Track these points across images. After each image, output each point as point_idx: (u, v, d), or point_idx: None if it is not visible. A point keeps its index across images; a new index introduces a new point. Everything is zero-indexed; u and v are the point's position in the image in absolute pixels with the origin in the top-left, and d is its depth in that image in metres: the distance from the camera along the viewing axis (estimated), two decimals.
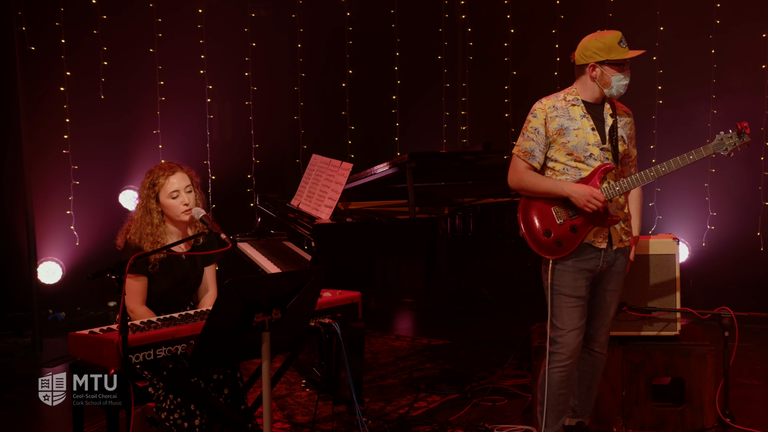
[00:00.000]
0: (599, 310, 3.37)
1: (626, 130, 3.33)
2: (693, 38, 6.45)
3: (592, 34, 3.26)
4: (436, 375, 4.81)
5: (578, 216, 3.21)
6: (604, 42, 3.19)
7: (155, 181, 3.29)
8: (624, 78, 3.22)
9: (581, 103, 3.28)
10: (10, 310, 5.96)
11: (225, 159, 6.86)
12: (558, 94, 3.35)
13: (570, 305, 3.25)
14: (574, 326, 3.26)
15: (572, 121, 3.25)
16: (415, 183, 4.22)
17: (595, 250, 3.25)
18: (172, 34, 6.59)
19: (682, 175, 6.34)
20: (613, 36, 3.20)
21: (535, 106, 3.32)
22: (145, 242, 3.23)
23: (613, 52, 3.18)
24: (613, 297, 3.37)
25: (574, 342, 3.27)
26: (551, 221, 3.24)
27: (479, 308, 6.59)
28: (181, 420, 2.92)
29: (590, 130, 3.25)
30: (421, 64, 7.43)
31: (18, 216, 5.80)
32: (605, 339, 3.44)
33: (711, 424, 3.79)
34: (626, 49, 3.20)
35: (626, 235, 3.34)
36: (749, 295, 6.09)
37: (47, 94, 6.23)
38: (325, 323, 3.14)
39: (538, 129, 3.28)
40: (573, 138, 3.23)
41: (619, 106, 3.37)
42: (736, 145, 3.21)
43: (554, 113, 3.27)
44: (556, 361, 3.30)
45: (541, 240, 3.25)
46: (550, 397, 3.32)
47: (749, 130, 3.21)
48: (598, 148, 3.24)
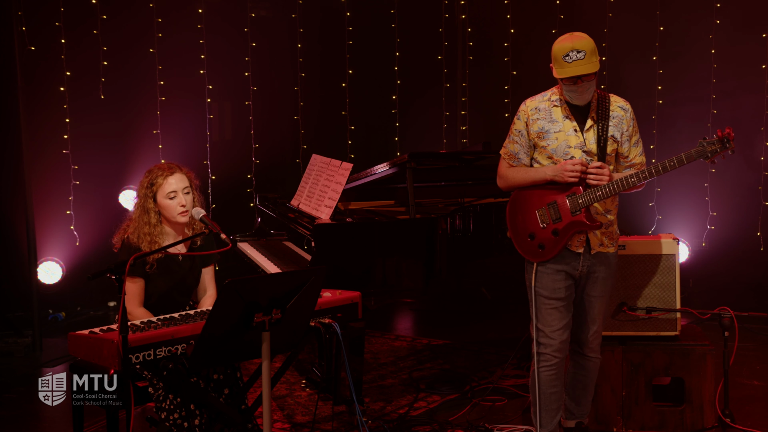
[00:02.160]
0: (587, 316, 3.35)
1: (621, 128, 3.21)
2: (693, 38, 6.45)
3: (561, 36, 3.13)
4: (436, 375, 4.81)
5: (560, 221, 3.18)
6: (554, 51, 3.10)
7: (153, 180, 3.28)
8: (575, 92, 3.12)
9: (564, 104, 3.21)
10: (10, 310, 5.96)
11: (225, 159, 6.86)
12: (544, 94, 3.29)
13: (549, 307, 3.25)
14: (556, 327, 3.25)
15: (553, 124, 3.20)
16: (415, 183, 4.22)
17: (572, 254, 3.23)
18: (172, 34, 6.58)
19: (682, 175, 6.34)
20: (561, 47, 3.07)
21: (520, 107, 3.29)
22: (143, 242, 3.23)
23: (556, 66, 3.09)
24: (598, 303, 3.33)
25: (558, 341, 3.26)
26: (535, 225, 3.23)
27: (479, 308, 6.59)
28: (181, 420, 2.92)
29: (573, 131, 3.18)
30: (421, 64, 7.43)
31: (18, 216, 5.80)
32: (596, 343, 3.42)
33: (711, 424, 3.79)
34: (571, 66, 3.02)
35: (609, 240, 3.27)
36: (749, 295, 6.09)
37: (47, 94, 6.22)
38: (325, 323, 3.14)
39: (521, 131, 3.27)
40: (553, 141, 3.19)
41: (614, 101, 3.24)
42: (719, 152, 3.03)
43: (536, 115, 3.23)
44: (542, 362, 3.29)
45: (526, 242, 3.26)
46: (542, 396, 3.31)
47: (733, 136, 3.02)
48: (580, 150, 3.18)
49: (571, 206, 3.16)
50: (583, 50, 3.04)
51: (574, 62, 3.04)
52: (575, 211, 3.16)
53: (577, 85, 3.11)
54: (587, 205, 3.15)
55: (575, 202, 3.16)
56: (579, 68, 3.04)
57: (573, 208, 3.16)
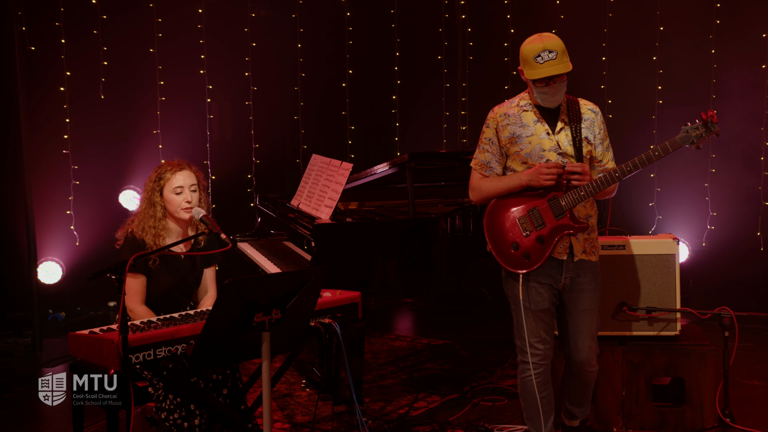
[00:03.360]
0: (580, 333, 3.25)
1: (593, 130, 3.17)
2: (693, 38, 6.44)
3: (529, 37, 3.06)
4: (436, 375, 4.81)
5: (545, 226, 3.10)
6: (523, 52, 3.02)
7: (162, 175, 3.32)
8: (546, 93, 3.05)
9: (533, 108, 3.16)
10: (10, 310, 5.96)
11: (225, 159, 6.86)
12: (512, 100, 3.25)
13: (533, 318, 3.17)
14: (540, 337, 3.19)
15: (524, 128, 3.14)
16: (415, 183, 4.22)
17: (555, 262, 3.15)
18: (172, 34, 6.58)
19: (682, 175, 6.35)
20: (532, 48, 2.99)
21: (488, 115, 3.22)
22: (147, 234, 3.24)
23: (527, 68, 3.02)
24: (588, 317, 3.24)
25: (543, 347, 3.20)
26: (518, 234, 3.14)
27: (479, 308, 6.59)
28: (181, 420, 2.92)
29: (545, 135, 3.13)
30: (421, 64, 7.43)
31: (18, 216, 5.80)
32: (591, 356, 3.28)
33: (711, 424, 3.79)
34: (543, 66, 2.96)
35: (591, 247, 3.19)
36: (749, 295, 6.09)
37: (47, 94, 6.22)
38: (325, 323, 3.14)
39: (491, 139, 3.20)
40: (526, 145, 3.13)
41: (583, 104, 3.20)
42: (704, 136, 3.01)
43: (505, 121, 3.17)
44: (528, 370, 3.23)
45: (509, 254, 3.16)
46: (533, 402, 3.24)
47: (716, 119, 3.00)
48: (555, 153, 3.12)
49: (554, 210, 3.10)
50: (555, 50, 2.98)
51: (547, 63, 2.97)
52: (559, 214, 3.10)
53: (550, 87, 3.04)
54: (570, 207, 3.08)
55: (557, 205, 3.09)
56: (552, 68, 2.97)
57: (556, 211, 3.10)
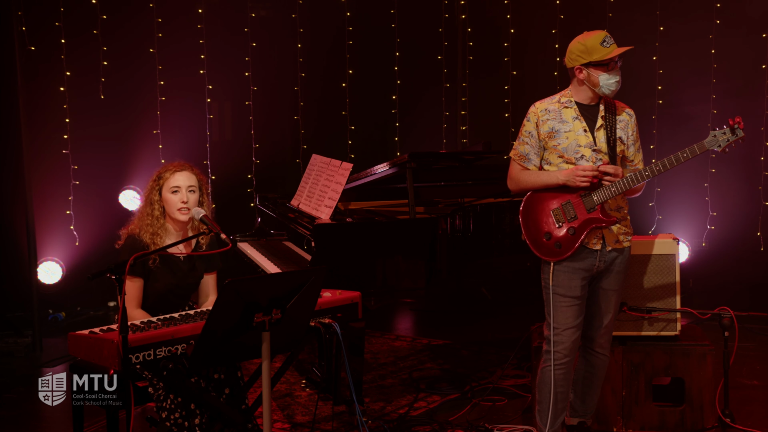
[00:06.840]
0: (598, 308, 3.39)
1: (627, 132, 3.34)
2: (693, 38, 6.45)
3: (579, 35, 3.27)
4: (436, 375, 4.81)
5: (576, 218, 3.25)
6: (585, 44, 3.21)
7: (161, 174, 3.34)
8: (611, 77, 3.22)
9: (574, 105, 3.31)
10: (10, 310, 5.96)
11: (225, 159, 6.86)
12: (554, 96, 3.39)
13: (564, 305, 3.30)
14: (569, 325, 3.30)
15: (563, 124, 3.29)
16: (415, 183, 4.22)
17: (589, 252, 3.29)
18: (172, 34, 6.59)
19: (682, 175, 6.35)
20: (595, 37, 3.21)
21: (530, 109, 3.38)
22: (145, 233, 3.25)
23: (595, 53, 3.19)
24: (612, 297, 3.38)
25: (570, 340, 3.31)
26: (551, 224, 3.30)
27: (479, 308, 6.59)
28: (182, 420, 2.92)
29: (582, 131, 3.28)
30: (421, 64, 7.43)
31: (18, 216, 5.80)
32: (606, 339, 3.45)
33: (711, 424, 3.79)
34: (610, 48, 3.18)
35: (624, 236, 3.35)
36: (749, 295, 6.09)
37: (47, 94, 6.22)
38: (325, 323, 3.14)
39: (531, 132, 3.35)
40: (563, 140, 3.28)
41: (620, 106, 3.37)
42: (730, 141, 3.15)
43: (546, 116, 3.32)
44: (550, 360, 3.33)
45: (542, 243, 3.31)
46: (549, 395, 3.34)
47: (743, 125, 3.15)
48: (590, 150, 3.27)
49: (586, 204, 3.25)
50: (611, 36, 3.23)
51: (612, 45, 3.19)
52: (590, 208, 3.25)
53: (616, 70, 3.22)
54: (602, 202, 3.24)
55: (590, 200, 3.25)
56: (620, 48, 3.19)
57: (588, 205, 3.25)
